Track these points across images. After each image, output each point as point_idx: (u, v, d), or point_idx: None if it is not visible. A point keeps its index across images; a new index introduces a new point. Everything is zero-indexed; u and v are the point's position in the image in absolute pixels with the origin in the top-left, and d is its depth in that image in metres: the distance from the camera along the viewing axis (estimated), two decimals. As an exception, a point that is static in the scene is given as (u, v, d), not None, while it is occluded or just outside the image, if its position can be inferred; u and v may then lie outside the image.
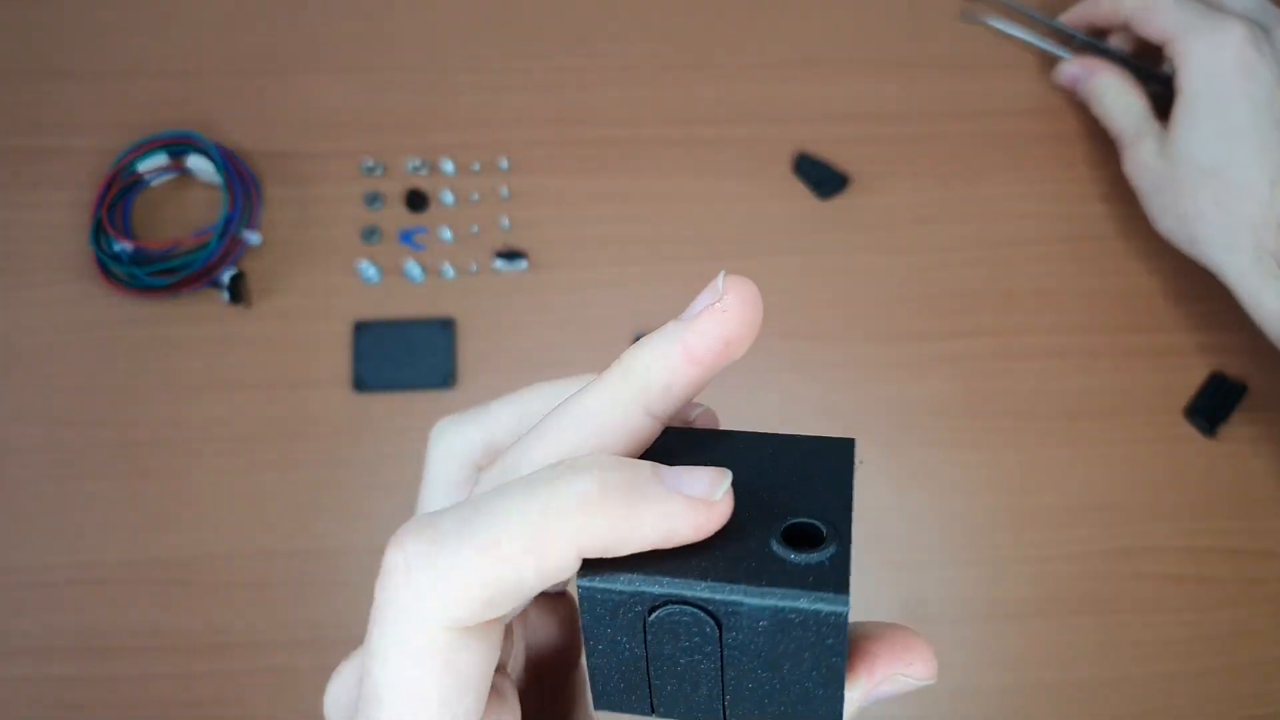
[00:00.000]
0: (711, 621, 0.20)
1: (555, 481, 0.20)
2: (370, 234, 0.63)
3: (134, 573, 0.59)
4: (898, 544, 0.61)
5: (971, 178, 0.66)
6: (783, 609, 0.20)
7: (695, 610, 0.20)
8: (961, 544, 0.61)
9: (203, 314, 0.62)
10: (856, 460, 0.24)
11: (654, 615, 0.21)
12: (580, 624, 0.21)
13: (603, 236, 0.64)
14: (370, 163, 0.64)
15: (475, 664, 0.20)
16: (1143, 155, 0.60)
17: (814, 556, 0.21)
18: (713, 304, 0.22)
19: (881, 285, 0.64)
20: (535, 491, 0.20)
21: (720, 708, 0.22)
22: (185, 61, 0.65)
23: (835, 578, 0.20)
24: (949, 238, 0.65)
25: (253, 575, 0.59)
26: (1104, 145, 0.66)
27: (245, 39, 0.66)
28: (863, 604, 0.60)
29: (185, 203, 0.63)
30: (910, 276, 0.64)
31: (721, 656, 0.21)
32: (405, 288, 0.62)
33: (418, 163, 0.64)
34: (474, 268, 0.63)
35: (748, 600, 0.20)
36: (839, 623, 0.20)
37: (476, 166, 0.64)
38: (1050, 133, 0.67)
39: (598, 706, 0.22)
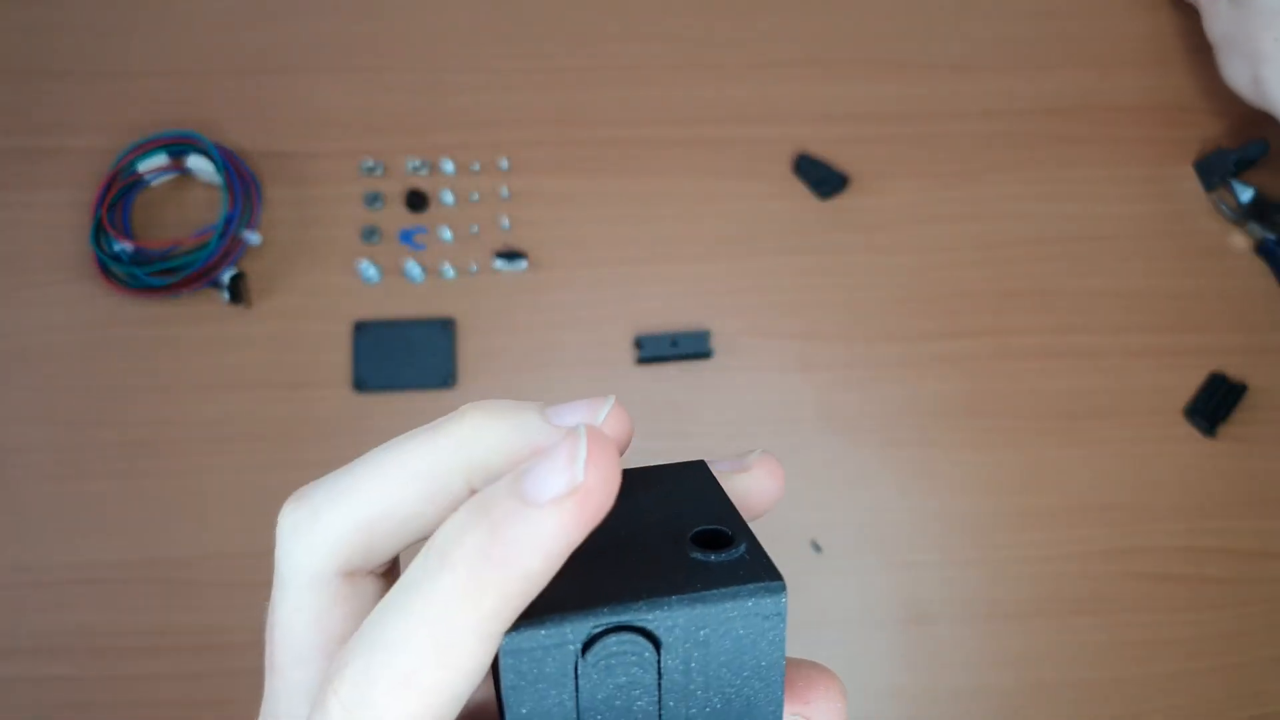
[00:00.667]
0: (650, 646, 0.19)
1: (429, 588, 0.18)
2: (370, 234, 0.63)
3: (134, 573, 0.59)
4: (898, 544, 0.61)
5: (971, 178, 0.66)
6: (724, 608, 0.19)
7: (632, 635, 0.19)
8: (961, 544, 0.61)
9: (203, 314, 0.62)
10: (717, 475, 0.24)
11: (588, 653, 0.19)
12: (501, 688, 0.19)
13: (603, 236, 0.64)
14: (370, 163, 0.64)
15: None
16: (1220, 6, 0.63)
17: (733, 553, 0.20)
18: (577, 443, 0.19)
19: (881, 285, 0.64)
20: (416, 606, 0.18)
21: None
22: (185, 61, 0.65)
23: (763, 566, 0.20)
24: (949, 238, 0.65)
25: (253, 575, 0.59)
26: (1105, 146, 0.66)
27: (246, 39, 0.66)
28: (863, 605, 0.60)
29: (185, 203, 0.63)
30: (910, 276, 0.64)
31: (660, 686, 0.20)
32: (405, 288, 0.62)
33: (418, 163, 0.64)
34: (474, 268, 0.63)
35: (688, 608, 0.19)
36: (779, 610, 0.20)
37: (476, 167, 0.64)
38: (1050, 133, 0.67)
39: None
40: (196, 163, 0.62)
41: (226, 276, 0.61)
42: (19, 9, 0.65)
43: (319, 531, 0.21)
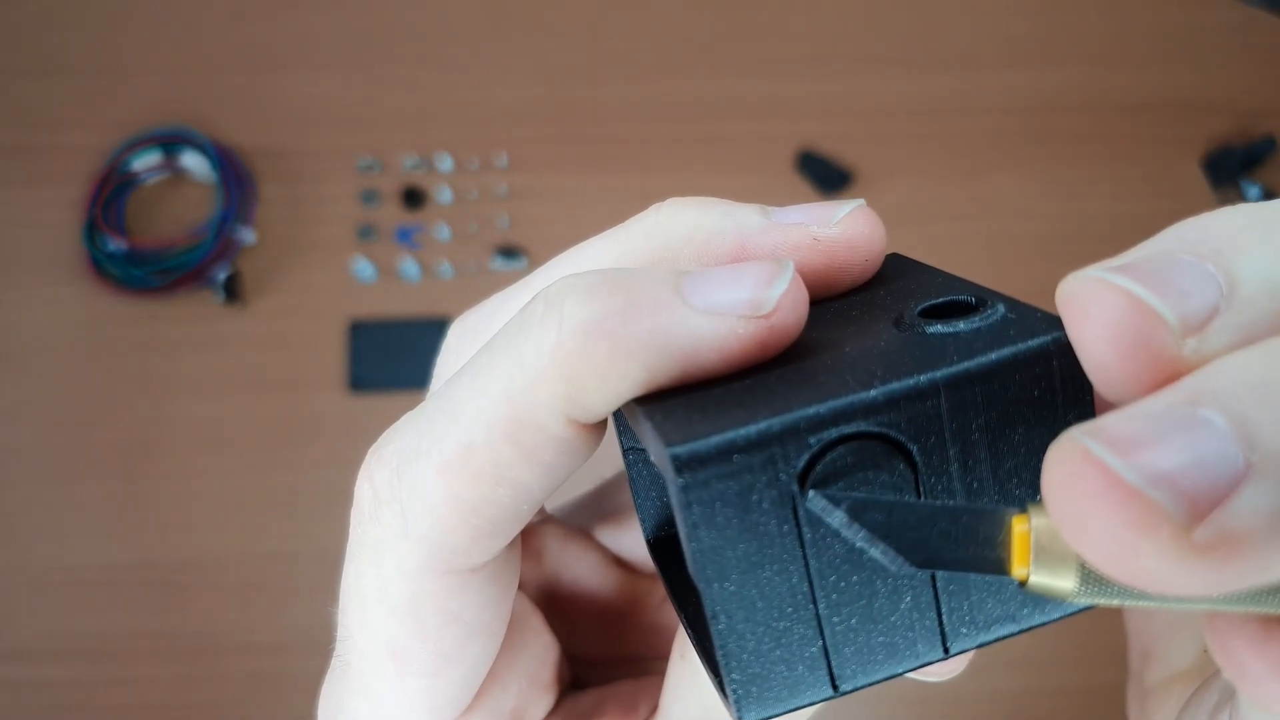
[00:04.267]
0: (901, 456, 0.13)
1: (516, 340, 0.14)
2: (367, 232, 0.62)
3: (127, 575, 0.58)
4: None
5: (976, 175, 0.65)
6: (999, 375, 0.13)
7: (874, 444, 0.13)
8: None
9: (197, 314, 0.61)
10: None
11: (812, 476, 0.13)
12: (690, 558, 0.13)
13: (603, 235, 0.63)
14: (367, 160, 0.63)
15: (482, 606, 0.16)
16: None
17: (989, 315, 0.14)
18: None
19: (885, 284, 0.63)
20: (497, 367, 0.14)
21: (936, 622, 0.14)
22: (179, 58, 0.64)
23: (1037, 318, 0.14)
24: (953, 236, 0.64)
25: (247, 577, 0.58)
26: (1111, 144, 0.65)
27: (240, 34, 0.65)
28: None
29: (179, 201, 0.62)
30: (914, 275, 0.64)
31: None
32: (402, 287, 0.62)
33: (415, 160, 0.63)
34: (472, 267, 0.62)
35: (958, 371, 0.13)
36: (1069, 357, 0.13)
37: (475, 164, 0.63)
38: (1056, 131, 0.66)
39: (748, 714, 0.14)
40: (191, 160, 0.61)
41: (221, 276, 0.60)
42: (9, 6, 0.64)
43: (416, 511, 0.15)
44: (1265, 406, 0.10)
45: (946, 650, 0.14)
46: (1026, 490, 0.14)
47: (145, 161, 0.61)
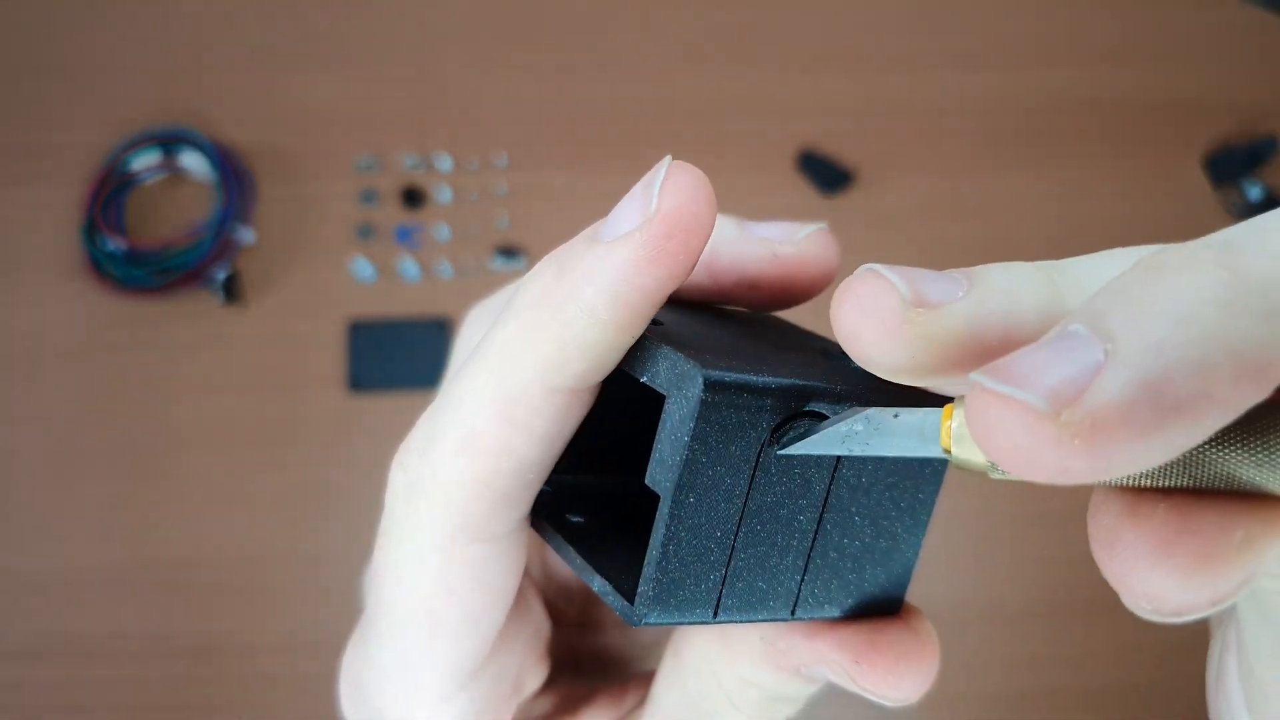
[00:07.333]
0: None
1: (490, 335, 0.17)
2: (366, 232, 0.62)
3: (127, 576, 0.58)
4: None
5: (977, 175, 0.65)
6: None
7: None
8: (962, 545, 0.60)
9: (196, 313, 0.61)
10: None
11: (783, 437, 0.16)
12: (678, 468, 0.15)
13: (603, 235, 0.63)
14: (367, 160, 0.63)
15: (504, 572, 0.18)
16: None
17: None
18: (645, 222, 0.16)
19: (885, 284, 0.63)
20: (482, 357, 0.17)
21: (796, 585, 0.17)
22: (180, 58, 0.64)
23: (932, 397, 0.17)
24: (954, 235, 0.64)
25: (246, 578, 0.58)
26: (1113, 143, 0.65)
27: (241, 35, 0.65)
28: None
29: (178, 200, 0.62)
30: (914, 275, 0.64)
31: (826, 499, 0.17)
32: (402, 287, 0.62)
33: (415, 160, 0.63)
34: (472, 266, 0.62)
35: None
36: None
37: (475, 164, 0.63)
38: (1058, 130, 0.66)
39: (650, 614, 0.16)
40: (190, 160, 0.61)
41: (220, 275, 0.60)
42: (9, 6, 0.64)
43: (439, 490, 0.17)
44: (1117, 309, 0.11)
45: (793, 613, 0.17)
46: (902, 480, 0.18)
47: (145, 161, 0.61)
